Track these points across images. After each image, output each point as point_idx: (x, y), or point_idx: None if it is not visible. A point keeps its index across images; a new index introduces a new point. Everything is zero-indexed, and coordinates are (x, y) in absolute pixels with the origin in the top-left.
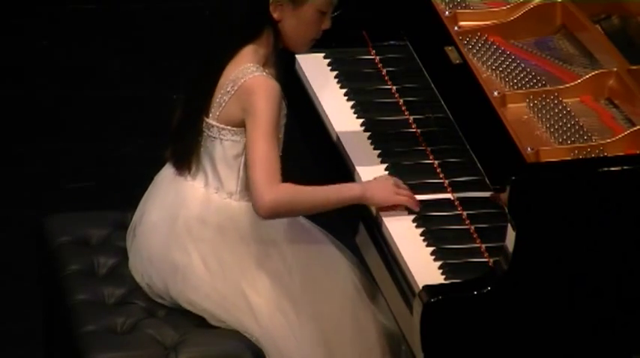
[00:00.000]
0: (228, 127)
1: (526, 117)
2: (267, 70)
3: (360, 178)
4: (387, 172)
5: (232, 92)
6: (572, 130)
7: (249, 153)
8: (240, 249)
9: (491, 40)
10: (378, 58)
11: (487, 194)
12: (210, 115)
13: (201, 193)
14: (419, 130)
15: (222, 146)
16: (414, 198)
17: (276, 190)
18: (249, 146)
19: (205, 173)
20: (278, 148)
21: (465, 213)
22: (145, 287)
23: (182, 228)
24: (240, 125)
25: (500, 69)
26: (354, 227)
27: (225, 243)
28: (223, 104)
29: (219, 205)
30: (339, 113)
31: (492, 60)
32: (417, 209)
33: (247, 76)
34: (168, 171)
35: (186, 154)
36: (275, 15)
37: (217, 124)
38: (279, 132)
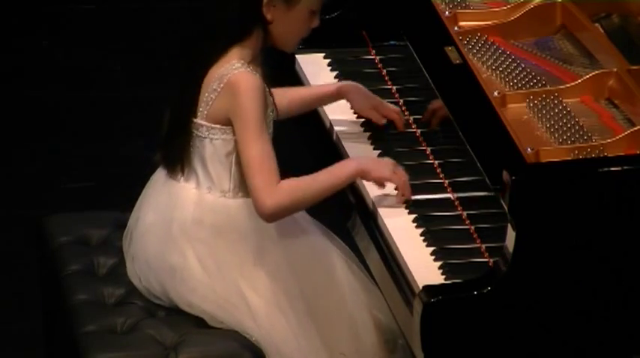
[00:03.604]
0: (218, 126)
1: (526, 117)
2: (251, 67)
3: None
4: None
5: (219, 90)
6: (573, 130)
7: (242, 157)
8: (238, 247)
9: (492, 40)
10: (378, 58)
11: (487, 194)
12: (199, 115)
13: (193, 194)
14: (419, 130)
15: (212, 145)
16: (408, 184)
17: (276, 193)
18: (242, 150)
19: (196, 173)
20: (270, 144)
21: (465, 213)
22: (143, 289)
23: (177, 231)
24: (230, 123)
25: (500, 69)
26: (354, 227)
27: (222, 243)
28: (210, 102)
29: (213, 204)
30: (339, 113)
31: (492, 60)
32: (409, 196)
33: (232, 72)
34: (160, 174)
35: (177, 156)
36: (268, 16)
37: (206, 123)
38: (269, 127)
